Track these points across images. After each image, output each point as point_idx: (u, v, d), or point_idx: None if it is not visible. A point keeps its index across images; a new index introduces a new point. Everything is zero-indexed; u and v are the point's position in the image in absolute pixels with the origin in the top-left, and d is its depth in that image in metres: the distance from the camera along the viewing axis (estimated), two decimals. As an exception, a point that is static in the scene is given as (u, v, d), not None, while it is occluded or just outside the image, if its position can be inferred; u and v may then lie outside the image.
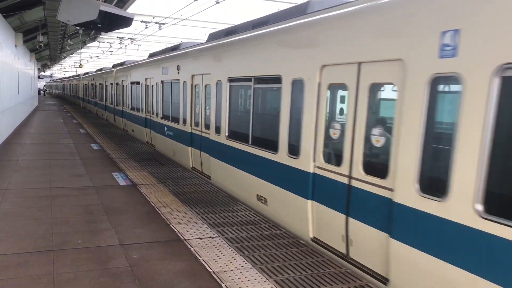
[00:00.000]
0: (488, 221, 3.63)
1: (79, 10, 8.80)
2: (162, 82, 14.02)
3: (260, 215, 7.46)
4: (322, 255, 5.71)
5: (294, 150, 6.58)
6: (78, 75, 48.33)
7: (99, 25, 9.54)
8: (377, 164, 5.10)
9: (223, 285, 4.72)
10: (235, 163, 8.71)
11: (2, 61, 14.36)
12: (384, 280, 4.86)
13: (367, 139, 5.17)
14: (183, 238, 6.14)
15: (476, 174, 3.73)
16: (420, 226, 4.32)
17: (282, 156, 6.90)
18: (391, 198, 4.69)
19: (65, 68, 72.31)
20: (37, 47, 22.42)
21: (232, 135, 9.08)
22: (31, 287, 4.54)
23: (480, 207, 3.71)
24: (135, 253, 5.56)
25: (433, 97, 4.28)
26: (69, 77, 60.79)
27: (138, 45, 34.33)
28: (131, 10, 16.80)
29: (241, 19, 32.70)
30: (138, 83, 17.69)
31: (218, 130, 9.64)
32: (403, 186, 4.51)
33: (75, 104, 45.96)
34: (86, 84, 37.79)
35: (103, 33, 27.82)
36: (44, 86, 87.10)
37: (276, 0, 19.24)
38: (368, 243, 5.11)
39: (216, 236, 6.27)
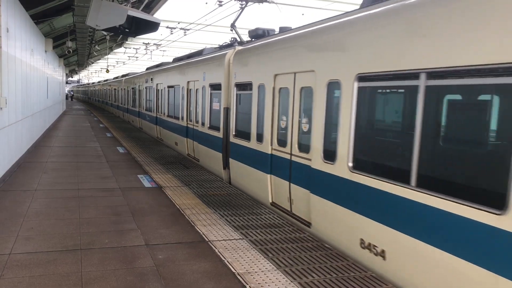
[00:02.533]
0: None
1: (107, 15, 9.00)
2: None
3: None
4: (347, 259, 5.66)
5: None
6: (106, 80, 48.65)
7: (126, 30, 9.75)
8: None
9: (247, 286, 4.72)
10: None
11: (33, 66, 14.77)
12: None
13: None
14: (207, 240, 6.17)
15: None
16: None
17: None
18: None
19: (92, 74, 73.91)
20: (66, 52, 23.00)
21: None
22: (59, 284, 4.63)
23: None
24: (160, 253, 5.62)
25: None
26: (97, 83, 60.46)
27: (163, 50, 34.85)
28: (156, 16, 17.09)
29: (263, 23, 32.81)
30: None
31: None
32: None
33: (103, 110, 45.62)
34: (115, 89, 36.74)
35: (129, 39, 28.37)
36: (71, 91, 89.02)
37: (300, 5, 19.28)
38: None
39: (240, 238, 6.28)
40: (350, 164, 5.82)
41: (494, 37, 3.83)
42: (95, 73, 69.44)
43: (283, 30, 9.32)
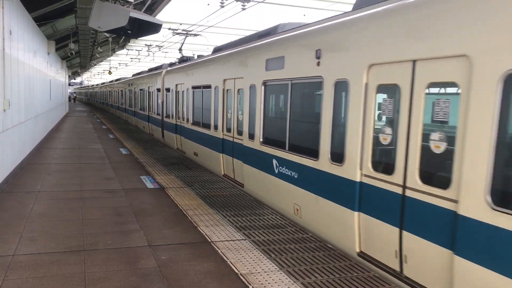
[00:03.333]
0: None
1: (109, 17, 9.03)
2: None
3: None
4: (350, 259, 5.66)
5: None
6: (111, 81, 47.29)
7: (128, 32, 9.78)
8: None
9: (250, 286, 4.73)
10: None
11: (36, 68, 14.82)
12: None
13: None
14: (210, 240, 6.18)
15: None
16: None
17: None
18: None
19: (95, 76, 74.08)
20: (68, 54, 23.04)
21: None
22: (63, 285, 4.65)
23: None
24: (163, 254, 5.63)
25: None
26: (101, 84, 59.68)
27: (166, 52, 34.90)
28: (158, 18, 17.12)
29: (267, 24, 32.87)
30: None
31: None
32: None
33: (107, 112, 45.93)
34: (122, 90, 34.60)
35: (131, 41, 28.44)
36: (74, 92, 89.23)
37: (302, 6, 19.28)
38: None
39: (243, 239, 6.28)
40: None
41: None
42: (98, 75, 69.59)
43: (200, 57, 15.72)
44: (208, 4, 18.30)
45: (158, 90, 20.08)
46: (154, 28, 10.04)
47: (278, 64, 7.99)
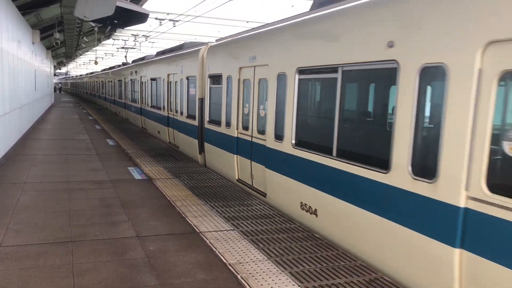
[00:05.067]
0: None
1: (96, 6, 8.90)
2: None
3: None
4: (337, 248, 5.72)
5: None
6: (104, 69, 41.92)
7: (115, 21, 9.66)
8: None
9: (238, 276, 4.76)
10: None
11: (20, 58, 14.59)
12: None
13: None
14: (198, 231, 6.20)
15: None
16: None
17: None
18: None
19: (80, 66, 73.11)
20: (54, 44, 22.71)
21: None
22: (51, 276, 4.63)
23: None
24: (151, 245, 5.63)
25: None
26: (88, 74, 57.30)
27: (152, 42, 34.59)
28: (145, 7, 16.93)
29: (255, 15, 32.71)
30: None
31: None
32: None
33: (94, 103, 43.84)
34: (120, 81, 27.43)
35: (117, 31, 28.08)
36: (60, 83, 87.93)
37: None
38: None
39: (231, 229, 6.31)
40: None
41: None
42: (83, 65, 68.69)
43: (158, 54, 18.38)
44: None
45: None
46: (141, 17, 9.93)
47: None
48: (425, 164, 4.57)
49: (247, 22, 24.47)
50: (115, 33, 29.62)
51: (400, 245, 4.80)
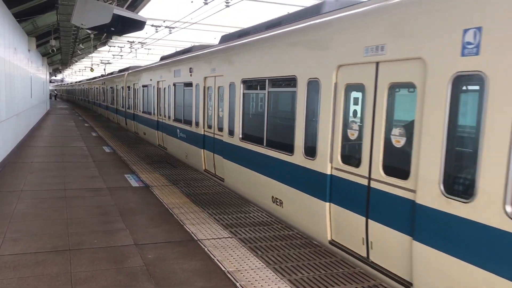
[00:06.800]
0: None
1: (93, 14, 8.93)
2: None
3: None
4: (336, 255, 5.73)
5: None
6: (102, 75, 40.12)
7: (112, 29, 9.68)
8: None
9: (237, 284, 4.76)
10: None
11: (16, 65, 14.57)
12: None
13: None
14: (196, 239, 6.19)
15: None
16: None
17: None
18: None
19: (76, 73, 73.01)
20: (49, 51, 22.70)
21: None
22: (49, 285, 4.61)
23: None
24: (150, 252, 5.62)
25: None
26: (85, 81, 55.22)
27: (148, 49, 34.62)
28: (141, 14, 16.96)
29: (251, 22, 32.85)
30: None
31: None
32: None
33: (89, 110, 43.18)
34: (122, 87, 24.48)
35: (113, 38, 28.10)
36: (55, 90, 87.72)
37: (286, 4, 19.32)
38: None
39: (229, 237, 6.31)
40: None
41: None
42: (79, 72, 68.59)
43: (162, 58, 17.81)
44: (192, 1, 18.17)
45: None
46: (138, 25, 9.96)
47: None
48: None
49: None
50: (111, 40, 29.65)
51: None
